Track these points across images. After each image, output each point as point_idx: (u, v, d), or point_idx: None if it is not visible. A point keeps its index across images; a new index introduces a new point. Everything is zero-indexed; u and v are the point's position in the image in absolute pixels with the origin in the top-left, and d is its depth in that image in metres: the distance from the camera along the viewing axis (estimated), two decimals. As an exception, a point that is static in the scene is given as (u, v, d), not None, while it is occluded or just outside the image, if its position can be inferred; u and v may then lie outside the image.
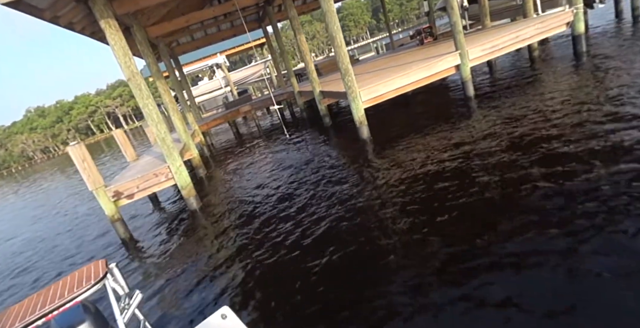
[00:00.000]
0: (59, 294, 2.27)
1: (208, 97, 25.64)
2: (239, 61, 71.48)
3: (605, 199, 3.33)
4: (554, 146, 4.65)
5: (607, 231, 2.95)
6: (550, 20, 8.32)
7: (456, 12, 7.66)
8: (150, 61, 9.11)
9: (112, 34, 6.16)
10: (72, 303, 2.21)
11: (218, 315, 2.48)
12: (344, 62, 7.30)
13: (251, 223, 5.64)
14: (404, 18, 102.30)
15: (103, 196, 6.30)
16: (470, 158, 5.12)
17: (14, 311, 2.28)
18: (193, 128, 11.86)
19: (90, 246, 7.36)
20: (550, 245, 3.01)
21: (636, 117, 4.68)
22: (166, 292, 4.48)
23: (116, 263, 2.57)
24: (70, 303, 2.20)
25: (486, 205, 3.91)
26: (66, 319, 2.23)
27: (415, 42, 15.18)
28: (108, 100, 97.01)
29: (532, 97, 6.84)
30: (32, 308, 2.21)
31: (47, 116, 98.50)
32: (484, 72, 10.71)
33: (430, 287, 3.01)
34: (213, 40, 16.30)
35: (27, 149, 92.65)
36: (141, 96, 6.44)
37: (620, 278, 2.50)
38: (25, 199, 20.45)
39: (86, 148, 6.28)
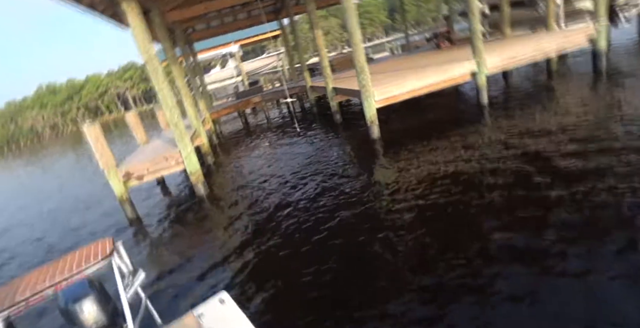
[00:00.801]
0: (67, 267, 2.38)
1: (219, 85, 25.71)
2: (251, 52, 71.39)
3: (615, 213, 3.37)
4: (562, 162, 4.66)
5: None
6: (573, 35, 8.27)
7: (477, 18, 7.64)
8: (166, 45, 9.18)
9: (133, 17, 6.22)
10: (80, 276, 2.32)
11: (216, 299, 2.54)
12: (360, 60, 7.32)
13: (257, 211, 5.73)
14: (421, 20, 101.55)
15: (114, 176, 6.40)
16: (477, 166, 5.14)
17: (27, 279, 2.39)
18: (204, 115, 11.94)
19: (96, 224, 7.50)
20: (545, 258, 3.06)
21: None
22: (168, 274, 4.58)
23: (122, 242, 2.66)
24: (77, 276, 2.31)
25: (488, 214, 3.94)
26: (72, 292, 2.33)
27: (431, 45, 15.11)
28: (119, 81, 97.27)
29: (546, 111, 6.81)
30: (42, 278, 2.32)
31: (58, 94, 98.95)
32: (499, 80, 10.69)
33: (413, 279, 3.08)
34: (229, 29, 16.30)
35: (37, 125, 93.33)
36: (157, 80, 6.50)
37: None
38: (37, 176, 20.62)
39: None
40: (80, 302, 2.26)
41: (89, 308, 2.27)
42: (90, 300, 2.29)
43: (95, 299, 2.31)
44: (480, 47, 7.67)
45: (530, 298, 2.71)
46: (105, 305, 2.36)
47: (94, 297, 2.31)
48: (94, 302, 2.30)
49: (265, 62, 27.11)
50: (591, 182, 4.02)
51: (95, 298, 2.31)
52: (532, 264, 3.05)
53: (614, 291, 2.60)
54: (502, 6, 10.80)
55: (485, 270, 3.11)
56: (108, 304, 2.39)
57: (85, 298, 2.28)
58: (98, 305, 2.31)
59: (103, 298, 2.37)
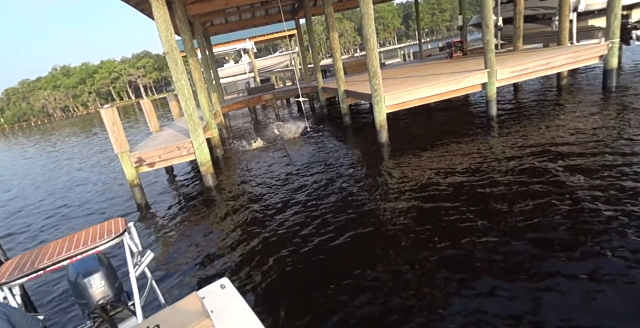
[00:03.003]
0: (82, 242, 2.52)
1: (231, 80, 25.96)
2: (264, 49, 71.82)
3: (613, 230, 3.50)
4: (563, 177, 4.78)
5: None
6: (584, 51, 8.39)
7: (491, 30, 7.78)
8: (186, 37, 9.37)
9: (158, 7, 6.42)
10: (94, 251, 2.46)
11: (217, 284, 2.67)
12: (373, 65, 7.48)
13: (263, 205, 5.89)
14: (435, 28, 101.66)
15: (127, 160, 6.59)
16: (480, 177, 5.26)
17: (45, 250, 2.55)
18: (216, 108, 12.13)
19: (105, 205, 7.75)
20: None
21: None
22: (173, 258, 4.77)
23: (134, 223, 2.82)
24: (92, 251, 2.45)
25: (488, 226, 4.03)
26: (83, 266, 2.47)
27: (444, 54, 15.24)
28: (132, 69, 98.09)
29: (554, 126, 6.91)
30: (58, 250, 2.47)
31: (72, 76, 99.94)
32: (509, 92, 10.82)
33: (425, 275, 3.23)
34: (245, 25, 16.54)
35: (48, 106, 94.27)
36: (176, 71, 6.69)
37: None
38: (52, 155, 20.90)
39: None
40: (90, 277, 2.39)
41: (97, 283, 2.40)
42: (99, 275, 2.43)
43: (104, 274, 2.44)
44: (492, 58, 7.81)
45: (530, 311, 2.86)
46: (113, 281, 2.50)
47: (103, 272, 2.45)
48: (103, 277, 2.43)
49: (277, 60, 27.33)
50: (592, 196, 4.16)
51: (104, 273, 2.45)
52: (527, 279, 3.14)
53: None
54: (516, 19, 10.93)
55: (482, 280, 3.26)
56: (115, 280, 2.53)
57: (94, 273, 2.42)
58: (106, 280, 2.44)
59: (111, 275, 2.51)
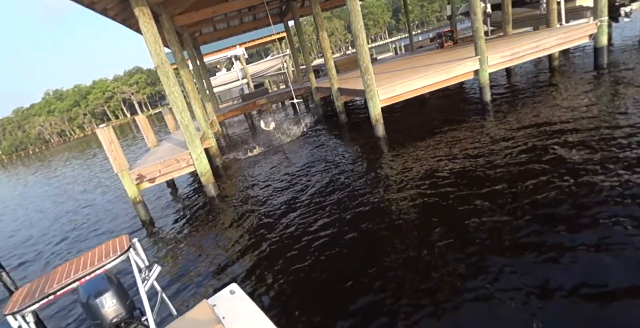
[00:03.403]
0: (89, 263, 2.54)
1: (224, 88, 26.00)
2: (255, 54, 71.96)
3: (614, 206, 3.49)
4: (564, 154, 4.78)
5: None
6: (573, 31, 8.35)
7: (479, 18, 7.76)
8: (175, 49, 9.38)
9: (145, 22, 6.43)
10: (101, 271, 2.47)
11: (227, 291, 2.72)
12: (364, 60, 7.47)
13: (267, 209, 5.89)
14: (425, 20, 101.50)
15: (127, 178, 6.60)
16: (481, 162, 5.26)
17: (53, 275, 2.56)
18: (211, 117, 12.15)
19: (111, 226, 7.75)
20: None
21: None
22: (182, 269, 4.78)
23: (137, 239, 2.82)
24: (99, 270, 2.46)
25: (490, 208, 4.05)
26: (93, 287, 2.48)
27: (435, 45, 15.22)
28: (125, 86, 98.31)
29: (548, 106, 6.92)
30: (66, 274, 2.48)
31: (65, 100, 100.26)
32: (503, 77, 10.79)
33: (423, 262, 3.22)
34: (235, 32, 16.57)
35: (44, 132, 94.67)
36: (168, 84, 6.70)
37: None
38: (53, 181, 20.98)
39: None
40: (101, 297, 2.41)
41: (109, 302, 2.42)
42: (110, 295, 2.44)
43: (114, 293, 2.46)
44: (483, 45, 7.79)
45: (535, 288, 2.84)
46: (124, 298, 2.51)
47: (113, 291, 2.46)
48: (114, 296, 2.45)
49: (269, 64, 27.36)
50: (594, 171, 4.15)
51: (114, 292, 2.46)
52: (535, 253, 3.17)
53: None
54: (504, 5, 10.89)
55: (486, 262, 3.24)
56: (126, 298, 2.54)
57: (105, 292, 2.43)
58: (117, 298, 2.45)
59: (121, 292, 2.52)
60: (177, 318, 2.27)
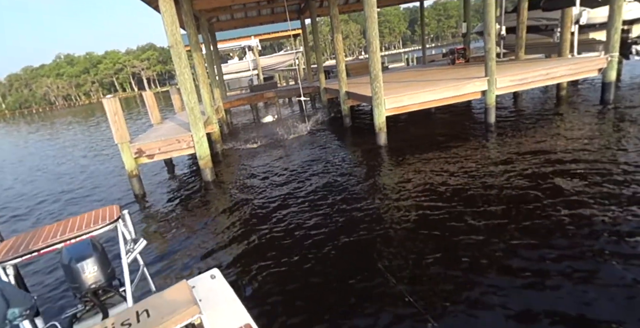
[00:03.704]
0: (77, 227, 2.59)
1: (234, 76, 26.01)
2: (269, 47, 71.93)
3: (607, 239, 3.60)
4: (563, 185, 4.88)
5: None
6: (584, 63, 8.51)
7: (492, 39, 7.88)
8: (191, 32, 9.46)
9: (165, 1, 6.51)
10: (88, 236, 2.52)
11: (208, 275, 2.77)
12: (375, 68, 7.58)
13: (260, 201, 5.97)
14: (440, 34, 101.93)
15: (127, 151, 6.67)
16: (477, 182, 5.36)
17: (40, 232, 2.60)
18: (217, 103, 12.21)
19: (104, 195, 7.85)
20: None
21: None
22: (167, 247, 4.86)
23: (128, 211, 2.87)
24: (86, 235, 2.51)
25: (481, 228, 4.13)
26: (77, 251, 2.52)
27: (447, 60, 15.36)
28: (136, 61, 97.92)
29: (551, 135, 7.04)
30: (53, 234, 2.53)
31: (75, 65, 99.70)
32: (510, 100, 10.94)
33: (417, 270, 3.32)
34: (251, 22, 16.63)
35: (50, 94, 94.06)
36: (180, 65, 6.77)
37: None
38: (55, 142, 20.92)
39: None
40: (83, 261, 2.43)
41: (90, 268, 2.44)
42: (92, 261, 2.47)
43: (97, 260, 2.48)
44: (493, 67, 7.91)
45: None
46: (106, 267, 2.54)
47: (96, 257, 2.49)
48: (96, 262, 2.48)
49: (282, 59, 27.40)
50: (587, 204, 4.26)
51: (97, 259, 2.49)
52: (520, 277, 3.26)
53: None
54: (519, 29, 11.05)
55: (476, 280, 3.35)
56: (108, 266, 2.57)
57: (88, 258, 2.46)
58: (99, 266, 2.48)
59: (104, 261, 2.55)
60: (154, 293, 2.30)
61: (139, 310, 1.93)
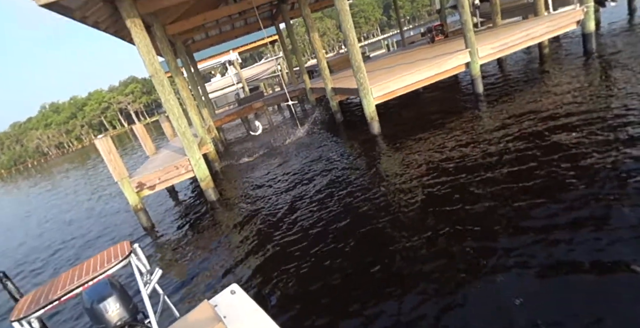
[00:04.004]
0: (92, 269, 2.60)
1: (220, 93, 26.06)
2: (249, 58, 72.06)
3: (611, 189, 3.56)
4: (560, 139, 4.86)
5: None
6: (561, 18, 8.43)
7: (467, 10, 7.83)
8: (169, 58, 9.47)
9: (137, 32, 6.50)
10: (104, 275, 2.53)
11: (228, 291, 2.76)
12: (356, 59, 7.54)
13: (268, 212, 5.95)
14: (415, 15, 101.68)
15: (127, 186, 6.67)
16: (475, 154, 5.32)
17: (57, 281, 2.62)
18: (208, 123, 12.23)
19: (114, 234, 7.85)
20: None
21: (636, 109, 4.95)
22: (184, 273, 4.87)
23: (138, 244, 2.89)
24: (102, 275, 2.52)
25: (489, 190, 4.15)
26: (97, 292, 2.54)
27: (426, 39, 15.30)
28: (120, 96, 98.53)
29: (540, 94, 7.01)
30: (70, 280, 2.54)
31: (62, 112, 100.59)
32: (495, 67, 10.86)
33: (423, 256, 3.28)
34: (227, 37, 16.69)
35: (42, 145, 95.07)
36: (163, 92, 6.78)
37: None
38: (55, 191, 21.10)
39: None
40: (105, 301, 2.46)
41: (112, 307, 2.46)
42: (113, 299, 2.49)
43: (117, 297, 2.51)
44: (472, 38, 7.86)
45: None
46: (127, 302, 2.56)
47: (116, 295, 2.51)
48: (117, 300, 2.50)
49: (264, 67, 27.41)
50: (584, 153, 4.23)
51: (117, 296, 2.51)
52: (538, 234, 3.25)
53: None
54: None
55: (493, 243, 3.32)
56: (129, 301, 2.59)
57: (108, 297, 2.48)
58: (120, 302, 2.50)
59: (124, 296, 2.57)
60: (179, 319, 2.31)
61: None
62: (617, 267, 2.66)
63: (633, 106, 5.09)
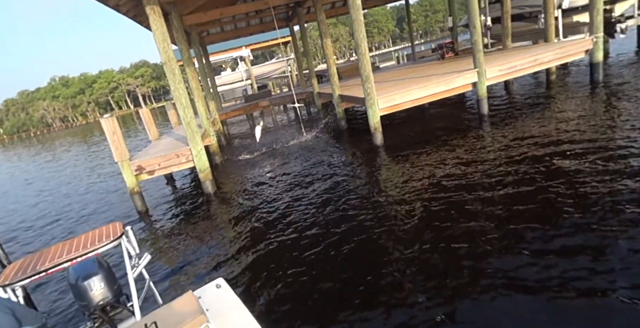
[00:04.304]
0: (82, 245, 2.64)
1: (228, 88, 26.19)
2: (261, 56, 72.40)
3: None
4: (560, 166, 4.95)
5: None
6: (570, 46, 8.59)
7: (478, 31, 7.98)
8: (183, 47, 9.60)
9: (155, 19, 6.62)
10: (93, 254, 2.57)
11: (213, 284, 2.76)
12: (366, 69, 7.67)
13: (263, 210, 6.02)
14: (428, 30, 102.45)
15: (127, 168, 6.75)
16: (475, 174, 5.40)
17: (46, 253, 2.66)
18: (213, 115, 12.32)
19: (107, 214, 7.93)
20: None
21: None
22: (172, 261, 4.92)
23: (131, 227, 2.92)
24: (91, 253, 2.56)
25: (485, 220, 4.13)
26: (84, 269, 2.56)
27: (436, 55, 15.47)
28: (130, 78, 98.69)
29: (544, 119, 7.13)
30: (59, 253, 2.59)
31: (70, 87, 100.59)
32: (502, 89, 11.02)
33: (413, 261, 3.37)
34: (241, 34, 16.84)
35: (47, 116, 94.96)
36: (174, 80, 6.87)
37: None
38: (55, 163, 21.08)
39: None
40: (90, 279, 2.48)
41: (97, 285, 2.49)
42: (99, 278, 2.51)
43: (103, 277, 2.53)
44: (481, 58, 8.00)
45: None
46: (112, 283, 2.59)
47: (102, 275, 2.54)
48: (102, 279, 2.52)
49: (274, 67, 27.59)
50: (582, 181, 4.33)
51: (103, 276, 2.54)
52: (535, 257, 3.32)
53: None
54: (504, 19, 11.16)
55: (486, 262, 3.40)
56: (115, 283, 2.62)
57: (94, 275, 2.51)
58: (106, 282, 2.53)
59: (110, 277, 2.60)
60: (162, 306, 2.35)
61: (147, 323, 1.96)
62: (608, 295, 2.70)
63: (635, 138, 5.20)
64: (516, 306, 2.79)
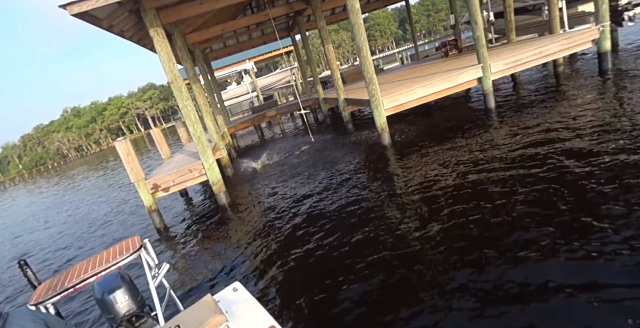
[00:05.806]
0: (104, 260, 2.80)
1: (235, 101, 26.60)
2: (265, 68, 73.39)
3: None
4: (570, 165, 4.80)
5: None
6: (576, 37, 8.46)
7: (480, 26, 7.94)
8: (188, 65, 9.81)
9: (160, 41, 6.80)
10: (115, 267, 2.72)
11: (230, 288, 2.90)
12: (369, 71, 7.70)
13: (277, 218, 6.06)
14: (432, 29, 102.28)
15: (143, 187, 6.89)
16: (484, 170, 5.34)
17: (73, 270, 2.82)
18: (222, 129, 12.50)
19: (127, 233, 8.07)
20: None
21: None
22: (190, 271, 5.03)
23: (148, 239, 3.05)
24: (113, 267, 2.71)
25: (493, 225, 3.99)
26: (107, 284, 2.73)
27: (440, 54, 15.43)
28: (139, 102, 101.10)
29: (553, 113, 6.99)
30: (84, 270, 2.74)
31: (82, 116, 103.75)
32: (509, 83, 10.90)
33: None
34: (244, 47, 17.15)
35: (62, 147, 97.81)
36: (181, 98, 7.04)
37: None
38: (70, 193, 21.66)
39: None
40: (114, 293, 2.65)
41: (121, 298, 2.66)
42: (122, 291, 2.68)
43: (126, 290, 2.70)
44: (485, 53, 7.95)
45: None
46: (135, 294, 2.75)
47: (125, 288, 2.70)
48: (126, 292, 2.69)
49: (278, 77, 27.94)
50: (597, 180, 4.21)
51: (126, 289, 2.70)
52: (544, 253, 3.27)
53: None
54: (507, 13, 11.09)
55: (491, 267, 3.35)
56: (137, 294, 2.78)
57: (118, 289, 2.68)
58: (129, 294, 2.69)
59: (133, 289, 2.76)
60: (183, 311, 2.45)
61: (171, 327, 2.07)
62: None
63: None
64: (517, 318, 2.67)
